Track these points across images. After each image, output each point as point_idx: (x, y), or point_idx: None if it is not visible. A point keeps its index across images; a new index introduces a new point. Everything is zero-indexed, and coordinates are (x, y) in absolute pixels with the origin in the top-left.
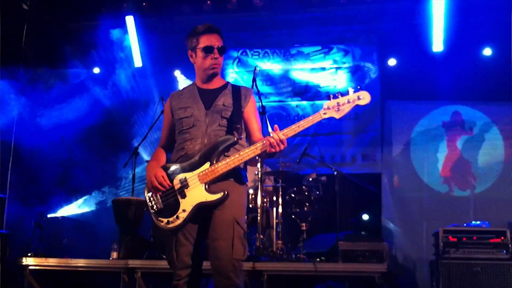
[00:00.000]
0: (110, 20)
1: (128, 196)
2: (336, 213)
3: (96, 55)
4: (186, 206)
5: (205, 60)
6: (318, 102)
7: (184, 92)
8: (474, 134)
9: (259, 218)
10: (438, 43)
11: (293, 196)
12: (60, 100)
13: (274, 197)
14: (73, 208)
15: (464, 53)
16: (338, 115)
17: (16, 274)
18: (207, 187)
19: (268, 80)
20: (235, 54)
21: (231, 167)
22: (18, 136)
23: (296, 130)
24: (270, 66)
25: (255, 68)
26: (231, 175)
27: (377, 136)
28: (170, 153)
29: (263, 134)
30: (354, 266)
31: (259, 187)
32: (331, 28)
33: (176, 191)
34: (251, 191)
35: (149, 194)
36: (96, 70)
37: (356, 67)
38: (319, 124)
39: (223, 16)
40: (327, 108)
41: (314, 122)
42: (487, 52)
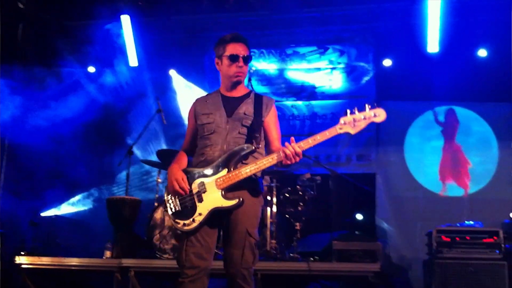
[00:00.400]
0: (106, 18)
1: (122, 195)
2: (330, 212)
3: (91, 53)
4: (202, 210)
5: (230, 67)
6: (314, 102)
7: (208, 98)
8: (469, 134)
9: None
10: (433, 44)
11: (287, 195)
12: (55, 98)
13: (268, 196)
14: (67, 206)
15: (459, 53)
16: (353, 131)
17: (12, 273)
18: (223, 193)
19: (263, 80)
20: None
21: (248, 175)
22: (12, 133)
23: (312, 144)
24: (265, 66)
25: (250, 68)
26: (248, 184)
27: (372, 136)
28: (192, 156)
29: None
30: (348, 265)
31: None
32: (328, 28)
33: (194, 195)
34: None
35: (168, 196)
36: (91, 69)
37: (352, 67)
38: (314, 124)
39: (220, 15)
40: (343, 123)
41: (330, 137)
42: (482, 53)
